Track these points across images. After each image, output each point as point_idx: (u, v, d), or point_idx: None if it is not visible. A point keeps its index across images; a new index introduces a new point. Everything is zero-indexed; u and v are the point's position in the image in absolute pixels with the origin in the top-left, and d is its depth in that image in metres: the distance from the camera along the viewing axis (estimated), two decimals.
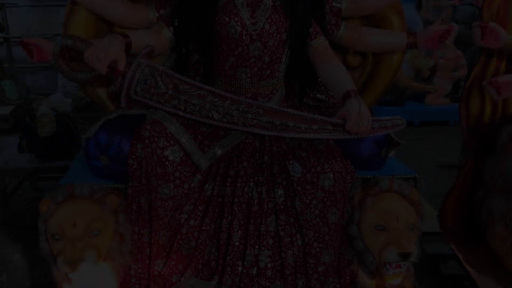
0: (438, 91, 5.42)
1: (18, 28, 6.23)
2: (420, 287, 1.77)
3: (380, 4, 1.85)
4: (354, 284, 1.62)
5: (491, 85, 1.67)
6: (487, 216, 1.87)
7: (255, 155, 1.65)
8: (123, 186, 1.61)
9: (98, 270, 1.42)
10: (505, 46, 1.76)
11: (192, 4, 1.68)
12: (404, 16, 1.95)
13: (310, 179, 1.54)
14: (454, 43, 5.38)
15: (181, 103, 1.54)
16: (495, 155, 1.88)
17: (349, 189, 1.62)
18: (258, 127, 1.55)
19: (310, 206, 1.54)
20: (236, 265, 1.55)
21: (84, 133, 1.67)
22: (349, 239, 1.62)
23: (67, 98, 5.04)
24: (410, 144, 4.65)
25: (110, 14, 1.75)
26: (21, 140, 2.73)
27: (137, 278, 1.57)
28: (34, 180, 3.35)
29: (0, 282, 1.61)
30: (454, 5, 6.06)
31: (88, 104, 5.01)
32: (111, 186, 1.61)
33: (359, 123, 1.48)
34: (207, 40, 1.71)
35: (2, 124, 4.74)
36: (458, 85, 6.13)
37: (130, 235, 1.54)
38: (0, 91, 4.76)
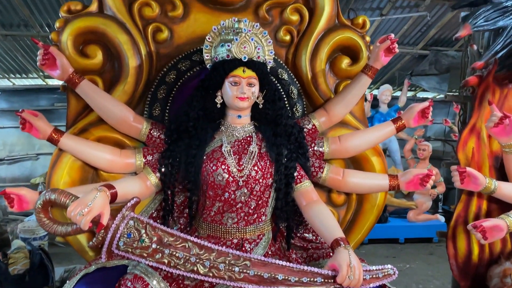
0: (418, 207, 5.49)
1: (2, 149, 6.26)
2: None
3: (361, 149, 1.92)
4: None
5: (476, 229, 1.68)
6: None
7: None
8: None
9: None
10: (484, 189, 1.81)
11: (180, 152, 1.72)
12: (384, 157, 2.03)
13: None
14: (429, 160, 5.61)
15: (165, 256, 1.48)
16: None
17: None
18: (246, 280, 1.48)
19: None
20: None
21: (60, 261, 1.57)
22: None
23: None
24: (396, 264, 4.58)
25: (97, 160, 1.76)
26: None
27: None
28: None
29: None
30: (426, 124, 6.44)
31: None
32: None
33: (350, 276, 1.43)
34: (194, 186, 1.71)
35: None
36: (437, 200, 6.26)
37: None
38: None
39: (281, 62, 2.01)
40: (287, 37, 2.03)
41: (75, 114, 1.86)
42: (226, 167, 1.67)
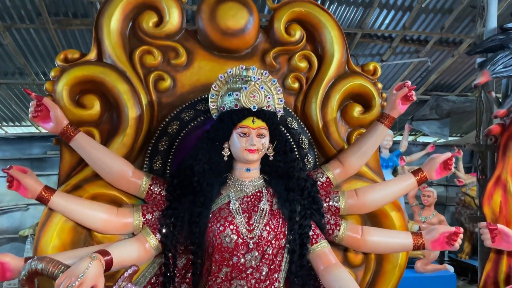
0: (426, 257, 5.25)
1: None
2: None
3: (380, 204, 1.77)
4: None
5: None
6: None
7: None
8: None
9: None
10: None
11: (183, 210, 1.55)
12: (403, 211, 1.88)
13: None
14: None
15: None
16: None
17: None
18: None
19: None
20: None
21: None
22: None
23: None
24: None
25: (91, 220, 1.59)
26: None
27: None
28: None
29: None
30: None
31: None
32: None
33: None
34: (198, 248, 1.54)
35: None
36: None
37: None
38: None
39: (290, 110, 1.90)
40: (296, 85, 1.93)
41: (69, 169, 1.70)
42: (235, 227, 1.51)
